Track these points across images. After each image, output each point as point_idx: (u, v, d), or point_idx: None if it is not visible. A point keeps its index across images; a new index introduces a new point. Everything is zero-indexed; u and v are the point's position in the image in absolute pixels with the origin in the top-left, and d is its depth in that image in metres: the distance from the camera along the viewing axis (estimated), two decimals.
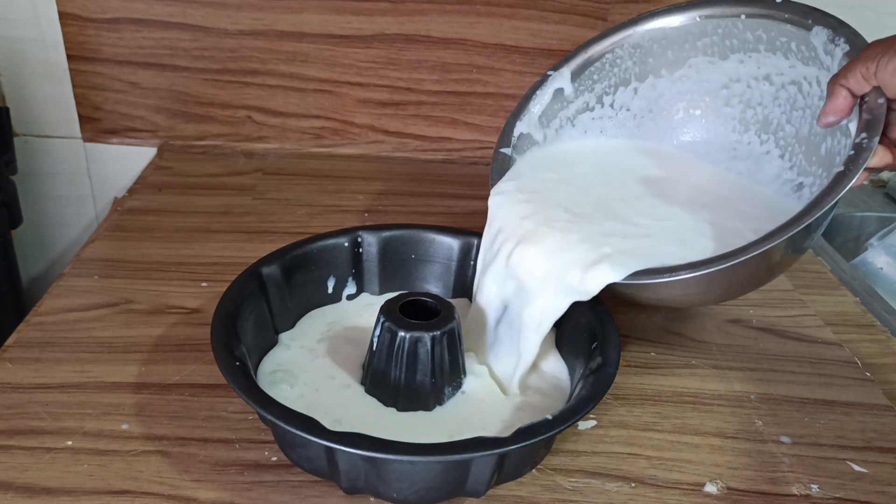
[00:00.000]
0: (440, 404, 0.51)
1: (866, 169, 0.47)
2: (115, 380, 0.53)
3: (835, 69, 0.52)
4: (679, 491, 0.47)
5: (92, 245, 0.70)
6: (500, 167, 0.61)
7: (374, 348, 0.51)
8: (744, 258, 0.47)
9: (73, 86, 0.88)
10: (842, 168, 0.47)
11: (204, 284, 0.65)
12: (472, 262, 0.62)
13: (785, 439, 0.52)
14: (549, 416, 0.43)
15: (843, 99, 0.48)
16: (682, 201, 0.59)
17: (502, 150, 0.62)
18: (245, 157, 0.91)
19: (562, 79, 0.64)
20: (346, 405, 0.51)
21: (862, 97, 0.48)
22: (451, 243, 0.62)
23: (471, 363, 0.54)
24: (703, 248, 0.53)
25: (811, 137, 0.58)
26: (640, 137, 0.67)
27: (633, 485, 0.48)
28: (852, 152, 0.47)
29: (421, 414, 0.51)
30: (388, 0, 0.85)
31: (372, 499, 0.45)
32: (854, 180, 0.46)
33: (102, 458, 0.47)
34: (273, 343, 0.56)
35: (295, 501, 0.45)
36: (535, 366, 0.54)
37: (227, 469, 0.47)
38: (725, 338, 0.63)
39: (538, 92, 0.64)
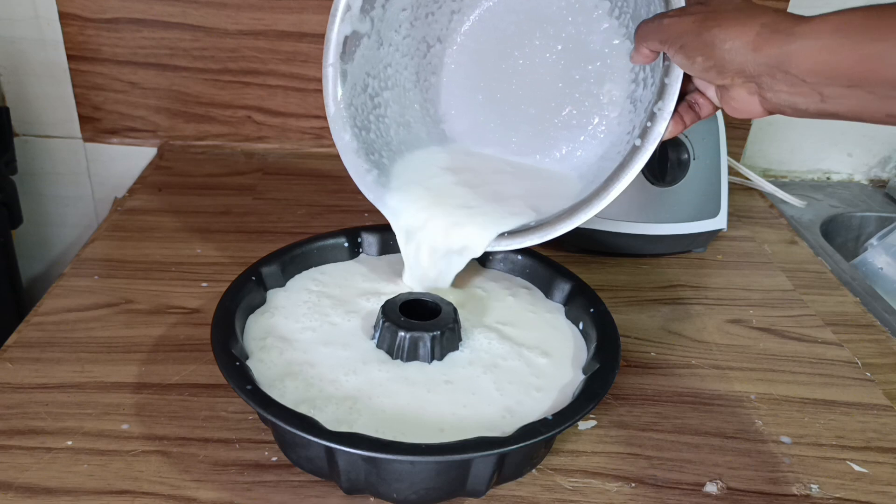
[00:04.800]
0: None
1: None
2: (115, 380, 0.53)
3: None
4: (679, 491, 0.47)
5: (92, 245, 0.70)
6: (331, 88, 0.58)
7: (375, 348, 0.51)
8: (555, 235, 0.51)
9: (73, 86, 0.88)
10: (638, 142, 0.49)
11: (204, 284, 0.65)
12: None
13: (785, 439, 0.52)
14: (550, 417, 0.43)
15: (644, 56, 0.49)
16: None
17: (330, 66, 0.58)
18: (245, 157, 0.91)
19: None
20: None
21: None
22: None
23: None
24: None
25: (640, 7, 0.54)
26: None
27: (633, 485, 0.48)
28: (649, 123, 0.48)
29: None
30: None
31: (372, 499, 0.45)
32: (650, 154, 0.48)
33: (102, 458, 0.47)
34: (262, 301, 0.55)
35: (295, 501, 0.45)
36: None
37: (227, 469, 0.47)
38: (725, 338, 0.63)
39: None
